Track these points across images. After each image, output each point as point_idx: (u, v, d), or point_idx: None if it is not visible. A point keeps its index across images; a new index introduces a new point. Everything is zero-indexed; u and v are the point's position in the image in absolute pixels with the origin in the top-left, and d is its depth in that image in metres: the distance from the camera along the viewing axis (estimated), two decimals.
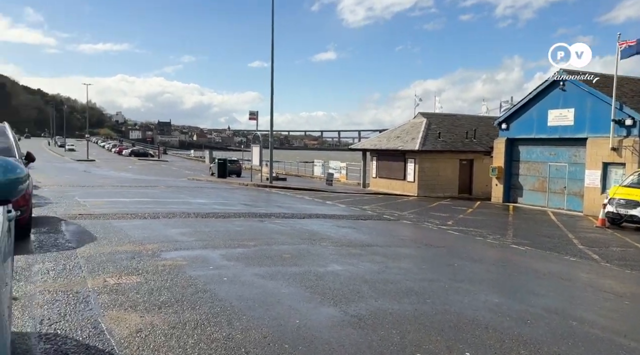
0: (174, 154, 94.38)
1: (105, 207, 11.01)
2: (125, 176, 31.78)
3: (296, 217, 11.76)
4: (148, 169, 44.96)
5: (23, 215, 6.43)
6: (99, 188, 17.10)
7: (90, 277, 4.97)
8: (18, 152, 7.20)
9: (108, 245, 6.65)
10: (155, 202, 12.93)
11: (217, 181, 29.06)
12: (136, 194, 14.97)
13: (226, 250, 6.83)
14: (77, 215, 9.36)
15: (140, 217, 9.78)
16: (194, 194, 16.55)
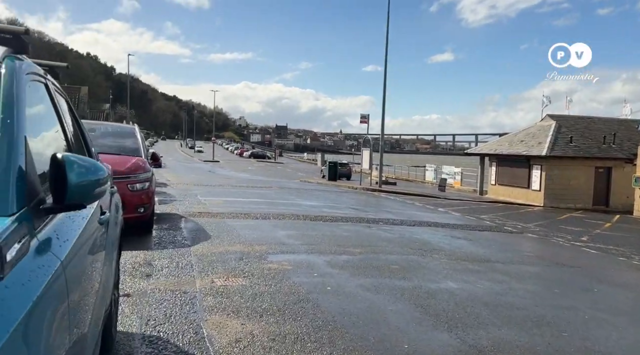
0: (289, 156, 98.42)
1: (222, 206, 11.53)
2: (244, 177, 33.64)
3: (406, 224, 11.21)
4: (264, 170, 47.27)
5: (145, 212, 6.86)
6: (219, 187, 18.18)
7: (200, 277, 5.03)
8: (144, 153, 7.74)
9: (220, 244, 6.81)
10: (267, 202, 13.28)
11: (327, 184, 29.38)
12: (251, 194, 15.58)
13: (331, 257, 6.60)
14: (196, 213, 9.88)
15: (252, 217, 10.03)
16: (304, 196, 16.78)
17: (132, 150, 7.53)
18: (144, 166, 7.17)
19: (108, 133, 7.98)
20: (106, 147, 7.47)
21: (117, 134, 8.02)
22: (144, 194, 6.84)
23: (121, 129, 8.42)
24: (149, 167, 7.35)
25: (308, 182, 30.59)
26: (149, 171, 7.25)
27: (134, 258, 5.60)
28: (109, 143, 7.60)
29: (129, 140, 7.81)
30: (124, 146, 7.61)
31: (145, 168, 7.19)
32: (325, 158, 66.55)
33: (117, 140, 7.75)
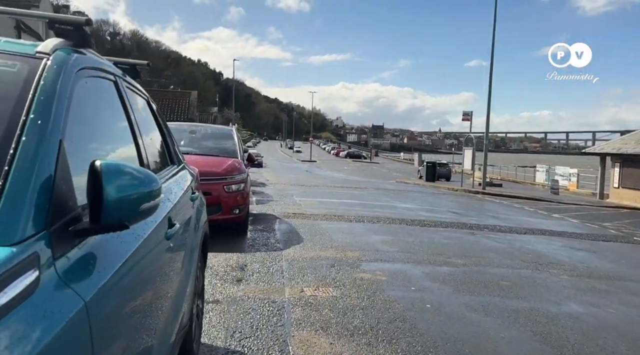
0: (385, 156, 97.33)
1: (316, 207, 11.40)
2: (339, 177, 33.67)
3: (515, 231, 10.15)
4: (360, 171, 47.04)
5: (241, 213, 6.85)
6: (314, 188, 18.22)
7: (289, 285, 4.81)
8: (241, 154, 7.78)
9: (312, 249, 6.58)
10: (361, 204, 12.92)
11: (425, 185, 28.26)
12: (345, 195, 15.34)
13: (430, 268, 6.03)
14: (291, 214, 9.82)
15: (345, 219, 9.73)
16: (400, 198, 16.14)
17: (229, 152, 7.60)
18: (239, 167, 7.19)
19: (208, 135, 8.18)
20: (206, 148, 7.64)
21: (215, 136, 8.19)
22: (239, 195, 6.84)
23: (219, 131, 8.61)
24: (244, 169, 7.36)
25: (404, 183, 29.71)
26: (245, 172, 7.26)
27: (227, 260, 5.55)
28: (207, 144, 7.76)
29: (227, 141, 7.92)
30: (221, 147, 7.73)
31: (241, 169, 7.20)
32: (422, 158, 64.62)
33: (215, 141, 7.89)
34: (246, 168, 7.71)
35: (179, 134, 8.06)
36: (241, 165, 7.30)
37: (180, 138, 7.76)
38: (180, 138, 7.76)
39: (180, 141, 7.63)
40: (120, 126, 1.93)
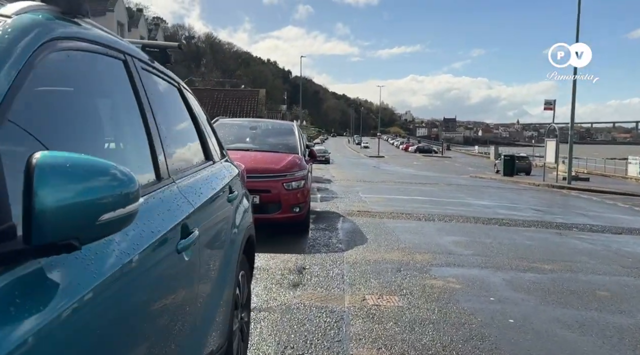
0: (457, 150, 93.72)
1: (382, 205, 10.88)
2: (408, 172, 32.67)
3: (609, 231, 8.99)
4: (430, 166, 45.50)
5: (301, 212, 6.53)
6: (381, 184, 17.62)
7: (350, 291, 4.38)
8: (302, 149, 7.46)
9: (376, 250, 6.11)
10: (431, 201, 12.18)
11: (503, 180, 26.56)
12: (414, 192, 14.62)
13: (512, 274, 5.33)
14: (355, 212, 9.38)
15: (414, 218, 9.13)
16: (475, 194, 15.12)
17: (289, 148, 7.31)
18: (300, 164, 6.87)
19: (268, 131, 7.95)
20: (265, 144, 7.40)
21: (276, 131, 7.94)
22: (299, 193, 6.51)
23: (280, 126, 8.36)
24: (305, 165, 7.03)
25: (479, 178, 28.15)
26: (305, 169, 6.92)
27: (285, 263, 5.24)
28: (267, 140, 7.52)
29: (287, 137, 7.64)
30: (282, 143, 7.46)
31: (302, 166, 6.87)
32: (499, 151, 61.40)
33: (275, 137, 7.64)
34: (307, 164, 7.38)
35: (240, 130, 7.93)
36: (302, 162, 6.97)
37: (240, 134, 7.61)
38: (240, 134, 7.61)
39: (241, 137, 7.48)
40: (127, 113, 1.60)
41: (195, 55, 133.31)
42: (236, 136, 7.53)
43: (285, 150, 7.18)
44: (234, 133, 7.61)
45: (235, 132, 7.68)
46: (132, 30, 18.05)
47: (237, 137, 7.52)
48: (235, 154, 6.86)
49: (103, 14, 17.58)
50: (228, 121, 8.15)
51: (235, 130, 7.77)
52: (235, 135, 7.54)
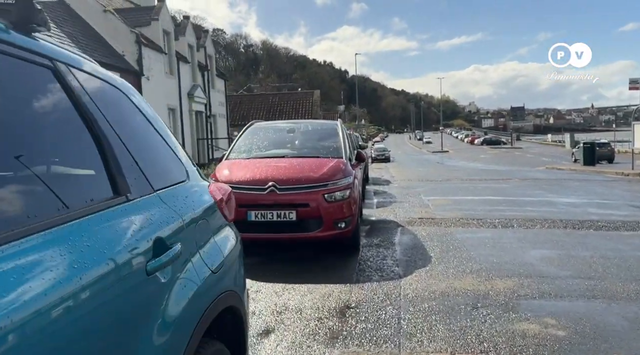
0: (528, 140, 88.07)
1: (448, 209, 9.48)
2: (475, 167, 30.47)
3: None
4: (499, 158, 42.56)
5: (347, 227, 5.40)
6: (446, 183, 16.04)
7: (408, 347, 3.19)
8: (347, 152, 6.33)
9: (442, 275, 4.84)
10: (507, 201, 10.56)
11: (584, 170, 23.82)
12: (485, 190, 12.97)
13: (635, 308, 3.88)
14: (416, 220, 8.10)
15: (488, 224, 7.69)
16: (556, 190, 13.19)
17: (331, 151, 6.22)
18: (344, 169, 5.74)
19: (307, 133, 6.90)
20: (304, 149, 6.37)
21: (316, 133, 6.87)
22: (344, 205, 5.39)
23: (322, 127, 7.27)
24: (350, 170, 5.89)
25: (557, 170, 25.53)
26: (351, 175, 5.78)
27: (324, 299, 4.13)
28: (306, 144, 6.48)
29: (330, 139, 6.54)
30: (323, 146, 6.38)
31: (346, 171, 5.74)
32: (575, 138, 56.73)
33: (316, 140, 6.58)
34: (354, 169, 6.24)
35: (276, 134, 6.93)
36: (347, 167, 5.84)
37: (276, 139, 6.63)
38: (276, 139, 6.63)
39: (276, 143, 6.49)
40: None
41: (253, 62, 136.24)
42: (271, 141, 6.55)
43: (327, 155, 6.09)
44: (268, 138, 6.64)
45: (271, 136, 6.70)
46: (180, 39, 17.70)
47: (272, 142, 6.54)
48: (268, 163, 5.90)
49: (148, 24, 17.36)
50: (263, 125, 7.19)
51: (270, 134, 6.79)
52: (270, 141, 6.56)
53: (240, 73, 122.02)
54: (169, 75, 16.88)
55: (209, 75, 20.97)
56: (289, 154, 6.19)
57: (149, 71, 14.79)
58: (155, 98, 15.16)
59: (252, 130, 6.75)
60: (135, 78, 14.09)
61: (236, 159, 6.08)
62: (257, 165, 5.66)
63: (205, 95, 20.06)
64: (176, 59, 17.26)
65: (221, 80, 23.93)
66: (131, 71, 13.94)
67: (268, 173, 5.37)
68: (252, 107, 34.55)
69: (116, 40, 13.99)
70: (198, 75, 19.67)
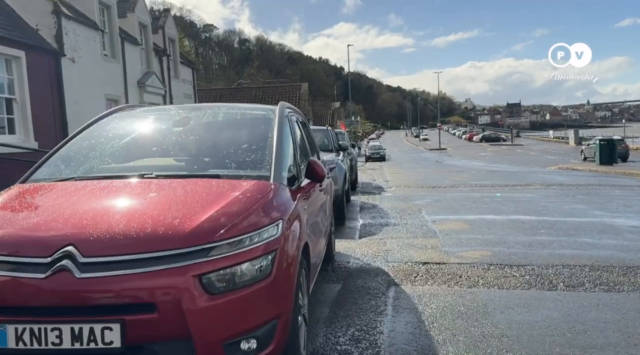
0: (528, 137, 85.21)
1: (465, 240, 6.38)
2: (478, 166, 27.47)
3: None
4: (502, 156, 39.61)
5: (265, 350, 2.25)
6: (452, 190, 12.91)
7: None
8: (281, 166, 3.16)
9: None
10: (545, 224, 7.44)
11: (606, 171, 20.81)
12: (506, 204, 9.86)
13: None
14: (420, 269, 5.01)
15: (538, 279, 4.61)
16: (599, 202, 10.08)
17: (249, 162, 3.05)
18: (264, 204, 2.51)
19: (212, 126, 3.61)
20: (199, 157, 3.26)
21: (229, 127, 3.58)
22: (257, 297, 2.24)
23: (243, 117, 3.85)
24: (283, 204, 2.71)
25: (573, 170, 22.55)
26: (280, 216, 2.57)
27: None
28: (203, 148, 3.30)
29: (253, 138, 3.34)
30: (234, 152, 3.19)
31: (269, 208, 2.54)
32: (580, 134, 53.96)
33: (225, 139, 3.37)
34: (300, 198, 3.07)
35: (154, 129, 3.71)
36: (273, 198, 2.66)
37: (151, 139, 3.44)
38: (151, 139, 3.44)
39: (147, 145, 3.32)
40: None
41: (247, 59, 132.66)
42: (140, 143, 3.38)
43: (236, 171, 2.94)
44: (139, 137, 3.46)
45: (144, 133, 3.50)
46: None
47: (141, 144, 3.37)
48: (94, 193, 2.28)
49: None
50: (140, 112, 3.89)
51: (144, 129, 3.57)
52: (138, 142, 3.40)
53: (233, 70, 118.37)
54: (110, 58, 13.66)
55: (169, 62, 17.74)
56: (160, 168, 3.03)
57: (75, 51, 11.61)
58: (86, 85, 11.99)
59: (112, 122, 3.58)
60: (52, 59, 10.90)
61: (45, 180, 2.92)
62: (63, 199, 2.53)
63: (164, 85, 16.84)
64: (120, 39, 14.04)
65: (188, 68, 20.63)
66: (45, 50, 10.73)
67: (68, 222, 2.26)
68: (234, 102, 31.28)
69: (26, 10, 10.81)
70: (154, 61, 16.44)
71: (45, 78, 10.56)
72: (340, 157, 8.78)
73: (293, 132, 3.74)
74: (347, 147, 9.93)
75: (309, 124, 5.66)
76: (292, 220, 2.76)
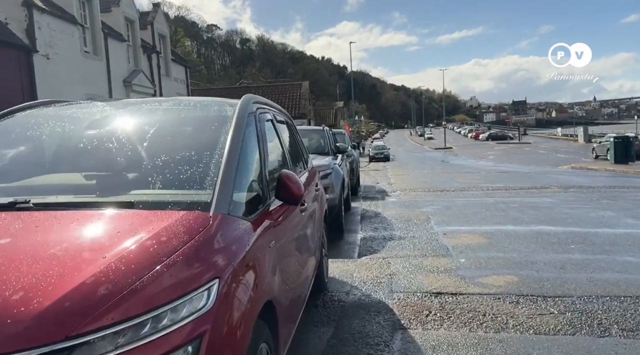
0: (535, 134, 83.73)
1: (483, 260, 5.39)
2: (487, 166, 26.41)
3: None
4: (510, 155, 38.44)
5: None
6: (462, 195, 11.89)
7: None
8: (231, 185, 2.18)
9: None
10: (574, 236, 6.42)
11: (624, 171, 19.72)
12: (525, 211, 8.83)
13: None
14: (432, 304, 4.02)
15: (577, 311, 3.63)
16: (629, 208, 9.03)
17: (183, 180, 2.06)
18: (181, 277, 1.53)
19: (138, 129, 2.62)
20: (109, 176, 2.23)
21: (158, 128, 2.57)
22: None
23: (187, 113, 2.57)
24: (214, 266, 1.68)
25: (588, 170, 21.46)
26: (209, 283, 1.51)
27: None
28: (117, 160, 2.30)
29: (196, 143, 2.35)
30: (164, 166, 2.18)
31: (195, 276, 1.55)
32: (590, 132, 52.74)
33: (155, 146, 2.37)
34: (263, 232, 2.09)
35: (61, 134, 2.69)
36: (210, 242, 1.70)
37: (57, 147, 2.44)
38: (57, 147, 2.44)
39: (38, 158, 2.30)
40: None
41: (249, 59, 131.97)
42: (37, 155, 2.41)
43: (156, 196, 1.95)
44: (40, 145, 2.47)
45: (47, 141, 2.50)
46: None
47: (37, 157, 2.40)
48: None
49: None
50: (50, 112, 2.79)
51: (50, 134, 2.56)
52: (35, 153, 2.42)
53: (234, 70, 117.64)
54: (92, 55, 12.74)
55: (159, 60, 16.80)
56: (58, 189, 2.06)
57: (50, 47, 10.69)
58: (63, 84, 11.06)
59: (11, 125, 2.61)
60: (23, 55, 9.98)
61: None
62: None
63: (153, 84, 15.91)
64: (104, 34, 13.10)
65: (180, 66, 19.66)
66: (15, 45, 9.81)
67: None
68: None
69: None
70: (142, 59, 15.50)
71: (14, 76, 9.64)
72: (338, 161, 7.78)
73: (262, 135, 2.76)
74: (346, 148, 8.94)
75: (312, 122, 4.67)
76: (243, 272, 1.78)
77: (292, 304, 2.58)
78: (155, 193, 2.00)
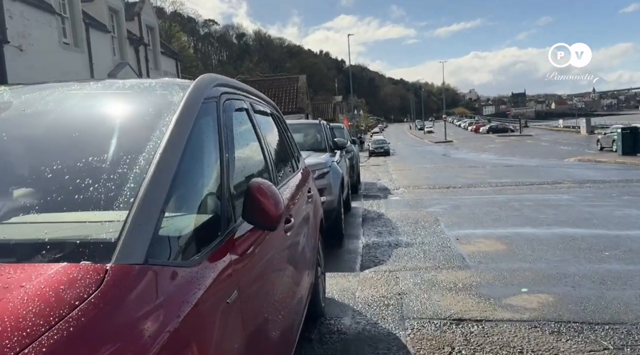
0: (535, 126, 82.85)
1: (505, 268, 4.63)
2: (490, 159, 25.66)
3: None
4: (512, 148, 37.63)
5: None
6: (469, 192, 11.11)
7: None
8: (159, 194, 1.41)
9: None
10: (603, 239, 5.65)
11: (636, 163, 18.93)
12: (540, 208, 8.07)
13: None
14: (454, 338, 3.26)
15: (637, 347, 2.84)
16: None
17: (75, 208, 1.28)
18: None
19: (24, 123, 1.84)
20: None
21: (70, 121, 1.84)
22: None
23: (116, 99, 2.06)
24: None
25: (596, 162, 20.66)
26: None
27: None
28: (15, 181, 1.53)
29: (109, 141, 1.59)
30: (48, 182, 1.41)
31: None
32: (592, 123, 51.99)
33: (30, 152, 1.60)
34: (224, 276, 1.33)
35: None
36: (97, 322, 0.93)
37: None
38: None
39: None
40: None
41: (245, 54, 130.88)
42: None
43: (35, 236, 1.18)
44: None
45: None
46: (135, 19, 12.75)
47: None
48: None
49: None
50: None
51: None
52: None
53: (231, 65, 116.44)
54: (72, 47, 11.91)
55: (147, 53, 15.95)
56: None
57: (24, 38, 9.88)
58: (39, 78, 10.18)
59: None
60: None
61: None
62: None
63: (140, 78, 15.09)
64: (85, 25, 12.27)
65: (171, 59, 18.80)
66: None
67: None
68: None
69: None
70: (128, 51, 14.66)
71: None
72: (336, 158, 7.00)
73: (226, 129, 1.96)
74: (345, 144, 8.15)
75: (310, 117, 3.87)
76: None
77: None
78: (28, 224, 1.21)
